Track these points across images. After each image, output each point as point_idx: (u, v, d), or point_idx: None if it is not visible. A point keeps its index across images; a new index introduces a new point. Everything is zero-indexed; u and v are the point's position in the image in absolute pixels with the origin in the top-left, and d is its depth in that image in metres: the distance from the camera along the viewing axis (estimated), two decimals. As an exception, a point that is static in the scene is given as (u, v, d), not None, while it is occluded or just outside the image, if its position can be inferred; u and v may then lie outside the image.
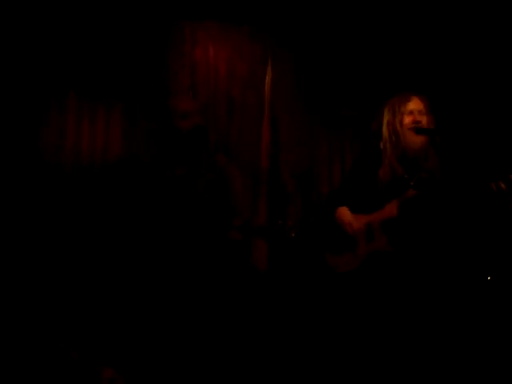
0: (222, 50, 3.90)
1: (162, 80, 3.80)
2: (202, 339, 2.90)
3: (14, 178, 3.49)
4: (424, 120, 2.93)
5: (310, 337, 3.46)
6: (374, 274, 2.88)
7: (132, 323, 2.96)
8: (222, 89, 3.89)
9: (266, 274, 3.71)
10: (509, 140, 3.65)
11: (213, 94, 3.87)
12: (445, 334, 2.80)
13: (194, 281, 2.93)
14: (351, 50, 4.03)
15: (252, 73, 3.94)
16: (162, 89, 3.77)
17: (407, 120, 2.93)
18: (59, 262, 3.40)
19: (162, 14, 3.80)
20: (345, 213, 3.01)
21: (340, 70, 4.04)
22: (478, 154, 3.52)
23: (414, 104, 2.94)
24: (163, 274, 2.94)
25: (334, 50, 4.02)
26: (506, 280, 3.06)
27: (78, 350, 2.38)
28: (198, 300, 2.92)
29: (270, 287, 3.66)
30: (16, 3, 3.56)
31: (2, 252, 3.21)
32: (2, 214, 3.37)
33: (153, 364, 2.83)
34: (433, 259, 2.83)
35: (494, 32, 3.82)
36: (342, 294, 3.05)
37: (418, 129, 2.89)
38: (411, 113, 2.92)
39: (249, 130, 3.93)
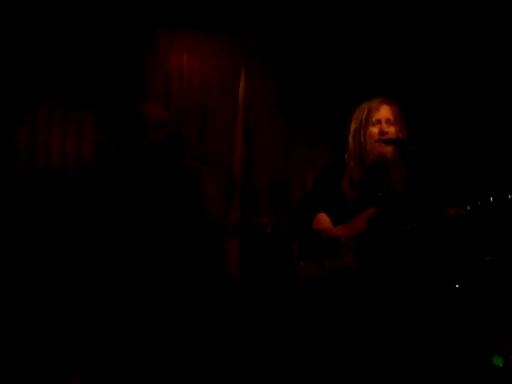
0: (196, 58, 3.91)
1: (136, 87, 3.79)
2: (175, 344, 2.90)
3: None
4: (392, 130, 2.80)
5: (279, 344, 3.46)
6: (340, 289, 2.82)
7: (102, 330, 2.95)
8: (196, 97, 3.90)
9: (238, 280, 3.72)
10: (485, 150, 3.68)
11: (187, 102, 3.88)
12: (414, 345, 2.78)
13: (166, 285, 2.93)
14: (326, 58, 4.04)
15: (226, 81, 3.95)
16: (135, 96, 3.76)
17: (373, 131, 2.81)
18: (26, 266, 3.38)
19: (137, 21, 3.80)
20: (324, 219, 2.91)
21: (315, 77, 4.05)
22: (450, 165, 3.55)
23: (382, 113, 2.81)
24: (135, 279, 2.93)
25: (308, 59, 4.04)
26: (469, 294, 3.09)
27: (47, 360, 2.37)
28: (169, 305, 2.92)
29: (243, 294, 3.66)
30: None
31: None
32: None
33: (123, 372, 2.82)
34: (401, 276, 2.78)
35: (473, 36, 3.81)
36: (310, 305, 2.99)
37: (384, 140, 2.77)
38: (378, 122, 2.80)
39: (223, 139, 3.95)
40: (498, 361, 3.00)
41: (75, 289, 3.18)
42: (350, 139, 2.89)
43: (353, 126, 2.89)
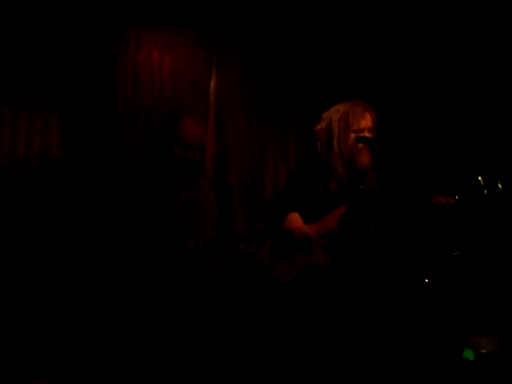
0: (166, 54, 3.88)
1: (104, 85, 3.76)
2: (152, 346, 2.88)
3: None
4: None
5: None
6: (312, 285, 2.87)
7: (74, 331, 2.92)
8: (167, 94, 3.87)
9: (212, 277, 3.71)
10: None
11: (157, 99, 3.85)
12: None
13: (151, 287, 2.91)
14: (298, 56, 4.05)
15: (197, 77, 3.93)
16: (104, 93, 3.74)
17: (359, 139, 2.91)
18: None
19: (106, 18, 3.75)
20: (295, 218, 2.94)
21: (285, 73, 4.06)
22: (418, 164, 3.59)
23: (366, 122, 2.91)
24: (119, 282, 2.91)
25: (280, 56, 4.05)
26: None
27: (13, 361, 2.34)
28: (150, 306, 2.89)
29: (217, 291, 3.65)
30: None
31: None
32: None
33: (93, 374, 2.79)
34: (372, 273, 2.85)
35: (439, 35, 3.87)
36: (282, 302, 3.02)
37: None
38: (362, 131, 2.91)
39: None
40: (469, 354, 3.05)
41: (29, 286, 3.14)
42: (335, 144, 2.94)
43: (336, 131, 2.94)
